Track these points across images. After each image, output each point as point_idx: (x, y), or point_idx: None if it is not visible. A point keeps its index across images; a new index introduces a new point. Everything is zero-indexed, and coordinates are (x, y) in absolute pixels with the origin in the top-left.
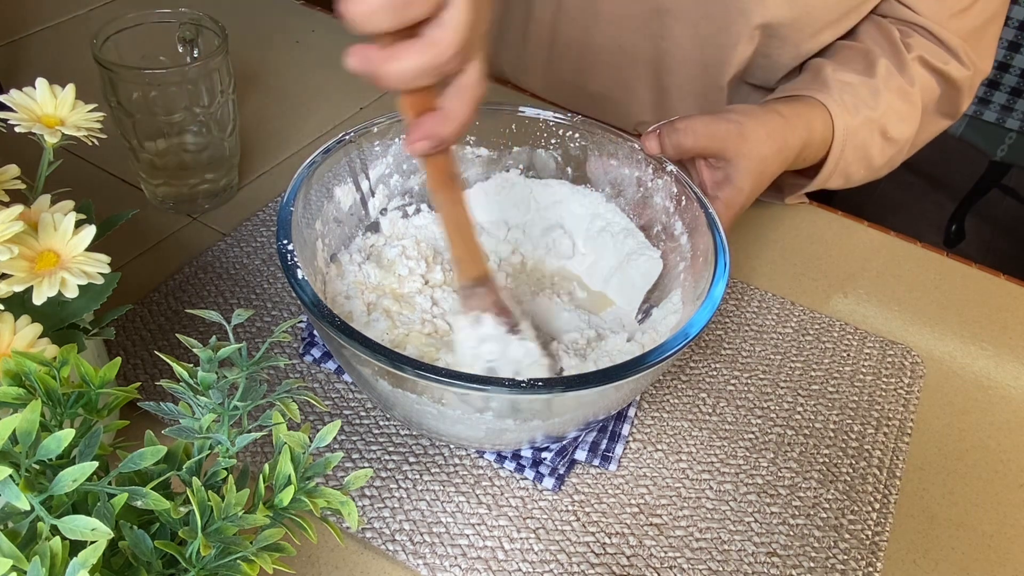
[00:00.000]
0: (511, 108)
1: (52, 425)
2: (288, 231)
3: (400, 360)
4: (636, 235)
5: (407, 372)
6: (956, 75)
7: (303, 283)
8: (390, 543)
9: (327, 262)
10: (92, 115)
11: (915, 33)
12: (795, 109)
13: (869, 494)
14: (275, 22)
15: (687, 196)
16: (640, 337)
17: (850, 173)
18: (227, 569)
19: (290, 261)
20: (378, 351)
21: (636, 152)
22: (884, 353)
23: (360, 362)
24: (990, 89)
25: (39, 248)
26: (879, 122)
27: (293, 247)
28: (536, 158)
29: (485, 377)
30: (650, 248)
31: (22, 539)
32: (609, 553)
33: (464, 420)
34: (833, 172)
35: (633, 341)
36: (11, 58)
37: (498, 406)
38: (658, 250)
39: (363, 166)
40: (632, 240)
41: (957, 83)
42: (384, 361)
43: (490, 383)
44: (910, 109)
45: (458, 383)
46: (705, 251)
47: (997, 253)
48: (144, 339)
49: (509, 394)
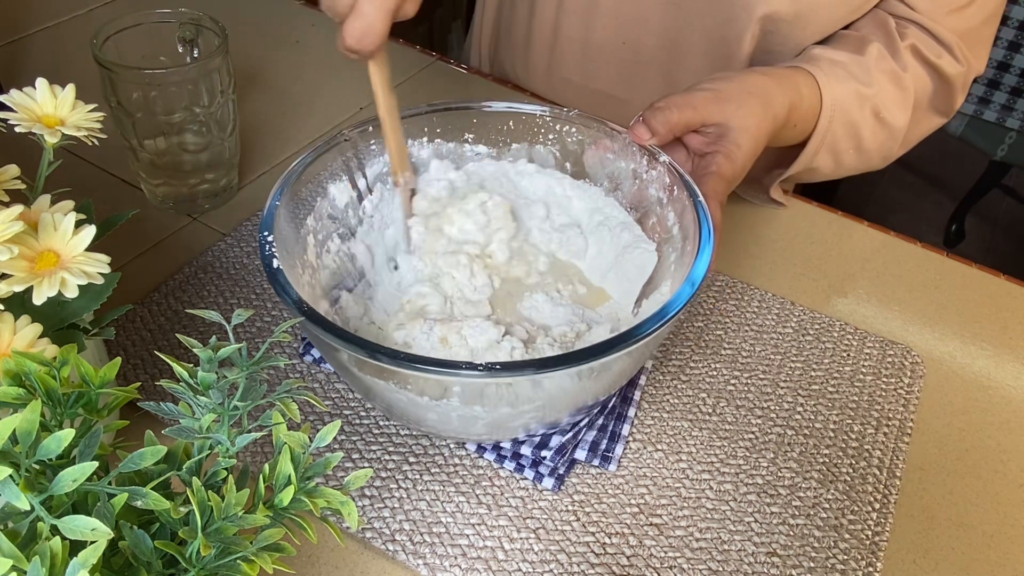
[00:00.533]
0: (507, 106)
1: (52, 425)
2: (271, 224)
3: (353, 341)
4: (633, 228)
5: (361, 353)
6: (949, 70)
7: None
8: (390, 543)
9: (318, 256)
10: (92, 115)
11: (910, 26)
12: (780, 71)
13: (869, 494)
14: (275, 22)
15: (678, 186)
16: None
17: (839, 152)
18: (227, 569)
19: (267, 251)
20: (334, 331)
21: (631, 144)
22: (884, 353)
23: (327, 348)
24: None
25: (39, 248)
26: (871, 100)
27: (272, 238)
28: (535, 154)
29: (442, 360)
30: (645, 241)
31: (22, 539)
32: (609, 553)
33: (434, 407)
34: (821, 145)
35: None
36: (11, 58)
37: (460, 390)
38: (653, 243)
39: (359, 164)
40: (628, 233)
41: (950, 79)
42: (339, 342)
43: (448, 366)
44: (902, 94)
45: (416, 366)
46: (693, 236)
47: (997, 253)
48: (144, 339)
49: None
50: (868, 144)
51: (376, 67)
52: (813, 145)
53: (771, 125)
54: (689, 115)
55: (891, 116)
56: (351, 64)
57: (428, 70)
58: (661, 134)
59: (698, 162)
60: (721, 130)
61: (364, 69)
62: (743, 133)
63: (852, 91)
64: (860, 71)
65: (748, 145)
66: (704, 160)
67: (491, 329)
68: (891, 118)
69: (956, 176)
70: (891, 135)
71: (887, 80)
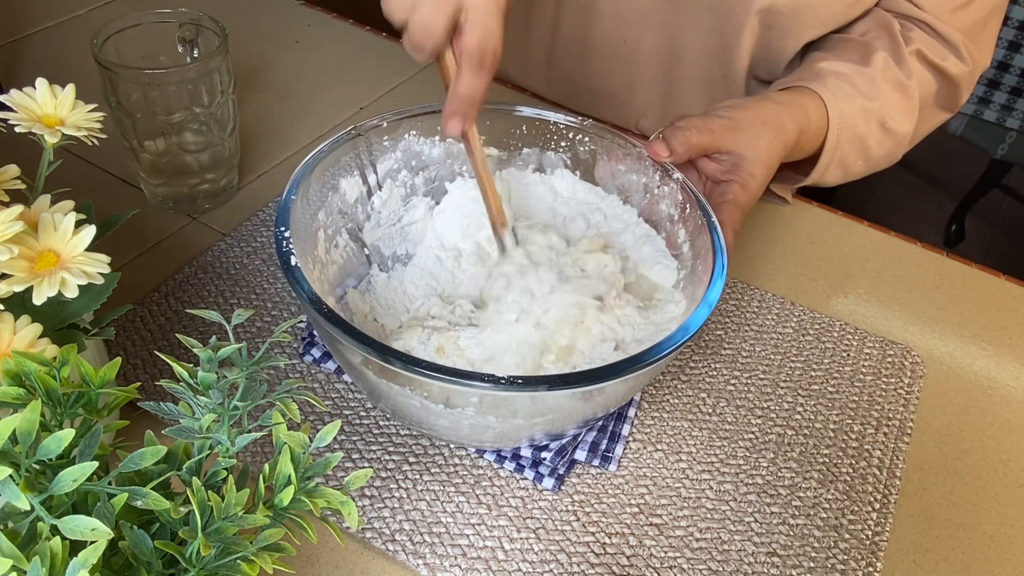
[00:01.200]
0: (521, 110)
1: (52, 425)
2: (287, 219)
3: (383, 350)
4: (656, 242)
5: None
6: (954, 71)
7: (295, 269)
8: (390, 543)
9: (327, 251)
10: (92, 115)
11: (916, 28)
12: (788, 96)
13: (869, 494)
14: (275, 22)
15: (691, 204)
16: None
17: (848, 164)
18: (227, 569)
19: (284, 248)
20: (361, 339)
21: (644, 159)
22: (884, 353)
23: (347, 351)
24: (990, 89)
25: (39, 248)
26: (877, 113)
27: (290, 234)
28: (545, 160)
29: (464, 371)
30: (667, 257)
31: (22, 539)
32: (609, 553)
33: (447, 414)
34: (831, 162)
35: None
36: (11, 58)
37: (478, 401)
38: (675, 260)
39: (371, 159)
40: (650, 247)
41: (955, 79)
42: (368, 351)
43: (469, 377)
44: (908, 102)
45: (439, 376)
46: (705, 256)
47: (997, 253)
48: (144, 339)
49: (489, 390)
50: (875, 153)
51: (473, 132)
52: (823, 163)
53: (782, 152)
54: (707, 139)
55: (897, 124)
56: (351, 64)
57: (428, 70)
58: (679, 153)
59: (713, 188)
60: (735, 159)
61: (363, 70)
62: (757, 163)
63: (858, 108)
64: (865, 84)
65: (762, 174)
66: (720, 188)
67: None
68: (897, 126)
69: (956, 176)
70: (898, 142)
71: (892, 89)
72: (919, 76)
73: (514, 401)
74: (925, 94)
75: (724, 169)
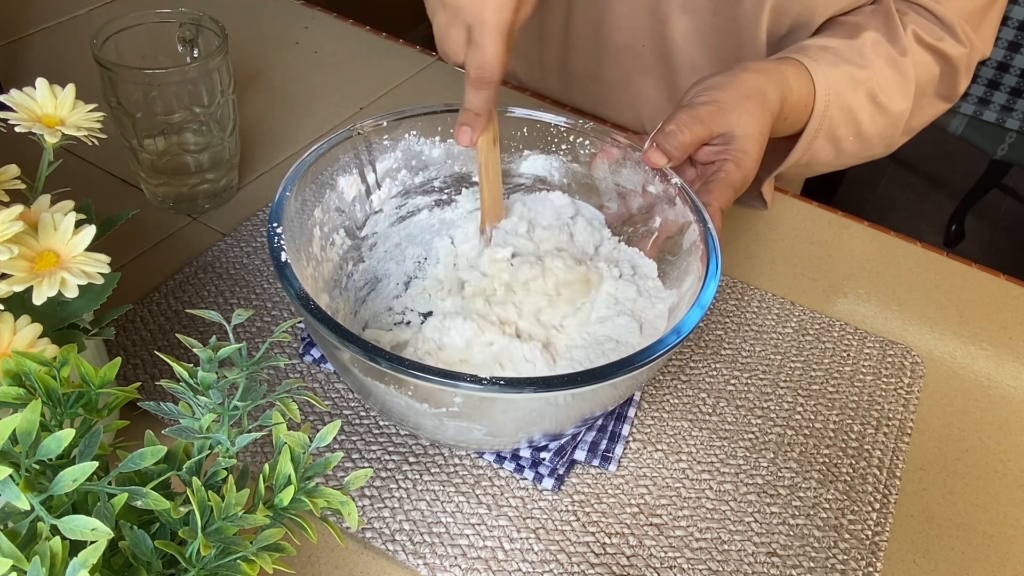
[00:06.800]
0: (526, 112)
1: (52, 425)
2: (280, 215)
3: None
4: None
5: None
6: (951, 52)
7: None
8: (390, 543)
9: (323, 248)
10: (92, 115)
11: (911, 11)
12: (768, 64)
13: (869, 494)
14: (275, 22)
15: (687, 205)
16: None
17: (839, 138)
18: (227, 569)
19: (276, 243)
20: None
21: (641, 166)
22: (884, 353)
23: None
24: (990, 89)
25: (39, 248)
26: (866, 84)
27: (282, 230)
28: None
29: (446, 371)
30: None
31: (22, 539)
32: (609, 553)
33: (431, 414)
34: (819, 130)
35: None
36: (11, 58)
37: (461, 401)
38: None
39: (371, 158)
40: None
41: (953, 60)
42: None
43: (453, 377)
44: (901, 79)
45: (423, 375)
46: (697, 255)
47: (997, 253)
48: (144, 339)
49: (473, 391)
50: (868, 130)
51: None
52: (811, 129)
53: (769, 122)
54: (700, 132)
55: (890, 100)
56: (351, 64)
57: (428, 70)
58: (676, 157)
59: (703, 169)
60: (726, 139)
61: (363, 70)
62: (748, 140)
63: (844, 74)
64: (852, 54)
65: (755, 150)
66: (712, 167)
67: (468, 327)
68: (890, 103)
69: (956, 176)
70: (892, 121)
71: (884, 64)
72: (917, 57)
73: (496, 403)
74: (926, 80)
75: (716, 150)
